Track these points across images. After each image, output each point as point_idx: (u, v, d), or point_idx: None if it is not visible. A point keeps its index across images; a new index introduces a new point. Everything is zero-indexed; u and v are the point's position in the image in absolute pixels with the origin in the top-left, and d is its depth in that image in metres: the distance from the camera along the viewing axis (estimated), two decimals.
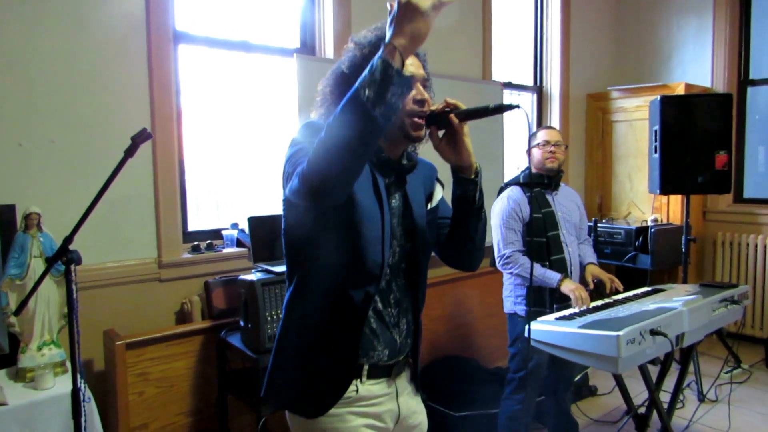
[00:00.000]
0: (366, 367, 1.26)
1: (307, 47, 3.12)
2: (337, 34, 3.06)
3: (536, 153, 2.64)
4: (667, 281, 4.21)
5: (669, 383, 2.74)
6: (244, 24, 2.93)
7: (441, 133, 1.26)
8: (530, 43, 4.54)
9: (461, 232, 1.33)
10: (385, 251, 1.23)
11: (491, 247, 2.64)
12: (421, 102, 1.22)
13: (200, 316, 2.57)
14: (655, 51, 4.80)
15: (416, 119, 1.22)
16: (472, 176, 1.27)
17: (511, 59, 4.34)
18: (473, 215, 1.30)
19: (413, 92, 1.21)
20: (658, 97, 3.68)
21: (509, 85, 4.21)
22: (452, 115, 1.21)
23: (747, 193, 4.55)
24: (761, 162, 4.53)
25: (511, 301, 2.65)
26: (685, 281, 3.68)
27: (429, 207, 1.38)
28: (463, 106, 1.23)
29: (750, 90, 4.51)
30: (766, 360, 3.98)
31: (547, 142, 2.61)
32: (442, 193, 1.42)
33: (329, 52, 3.06)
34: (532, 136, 2.69)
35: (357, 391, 1.25)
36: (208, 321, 2.54)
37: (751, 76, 4.50)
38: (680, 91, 4.20)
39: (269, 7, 3.03)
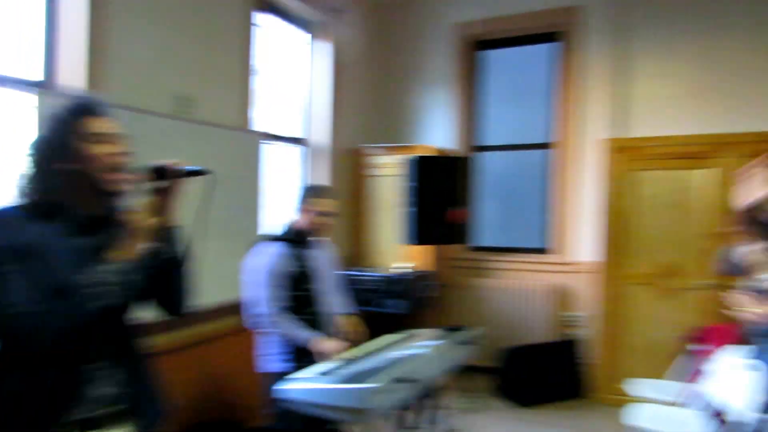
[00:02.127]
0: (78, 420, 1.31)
1: (51, 81, 2.70)
2: (88, 66, 2.72)
3: (312, 217, 2.67)
4: (419, 324, 4.57)
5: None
6: None
7: (158, 189, 1.39)
8: (298, 97, 4.67)
9: (165, 280, 1.45)
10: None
11: (237, 304, 2.55)
12: (121, 155, 1.36)
13: None
14: (406, 115, 5.34)
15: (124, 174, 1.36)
16: (172, 230, 1.44)
17: (279, 111, 4.39)
18: (174, 265, 1.45)
19: (111, 148, 1.35)
20: (412, 157, 4.08)
21: (272, 137, 4.23)
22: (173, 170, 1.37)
23: (479, 242, 5.25)
24: (488, 215, 5.29)
25: (272, 359, 2.57)
26: (433, 324, 4.04)
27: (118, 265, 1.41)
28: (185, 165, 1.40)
29: (480, 154, 5.28)
30: (499, 387, 4.53)
31: (327, 213, 2.67)
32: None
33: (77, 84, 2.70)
34: (312, 196, 2.71)
35: None
36: None
37: (481, 143, 5.28)
38: (427, 152, 4.72)
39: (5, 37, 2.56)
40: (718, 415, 2.85)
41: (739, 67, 4.19)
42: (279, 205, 4.17)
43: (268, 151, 4.00)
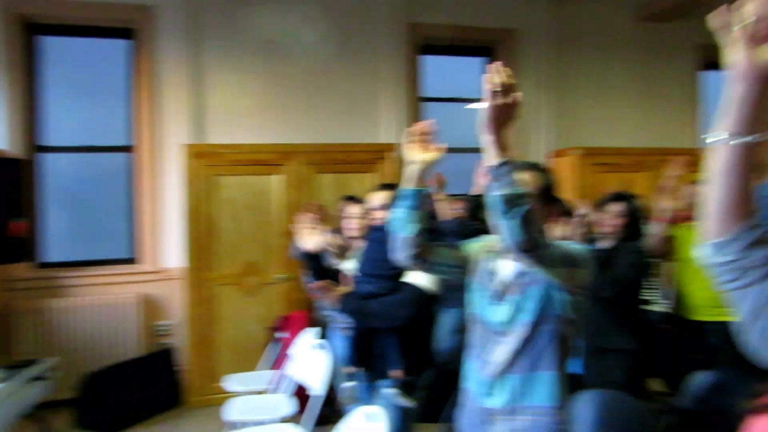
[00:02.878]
0: None
1: None
2: None
3: None
4: None
5: None
6: None
7: None
8: None
9: None
10: None
11: None
12: None
13: None
14: None
15: None
16: None
17: None
18: None
19: None
20: None
21: None
22: None
23: (48, 258, 4.53)
24: (59, 226, 4.62)
25: None
26: None
27: None
28: None
29: (45, 156, 4.55)
30: (81, 419, 4.01)
31: None
32: None
33: None
34: None
35: None
36: None
37: (44, 143, 4.55)
38: None
39: None
40: (300, 393, 3.24)
41: (300, 88, 4.85)
42: None
43: None
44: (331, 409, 3.76)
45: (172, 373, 4.47)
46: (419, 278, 2.31)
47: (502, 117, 1.46)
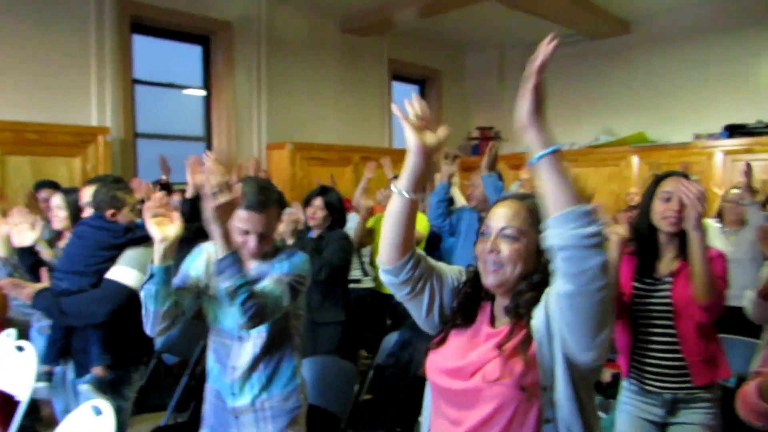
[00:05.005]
0: None
1: None
2: None
3: None
4: None
5: None
6: None
7: None
8: None
9: None
10: None
11: None
12: None
13: None
14: None
15: None
16: None
17: None
18: None
19: None
20: None
21: None
22: None
23: None
24: None
25: None
26: None
27: None
28: None
29: None
30: None
31: None
32: None
33: None
34: None
35: None
36: None
37: None
38: None
39: None
40: None
41: None
42: None
43: None
44: (33, 417, 3.39)
45: None
46: (123, 273, 2.25)
47: (225, 213, 1.57)
